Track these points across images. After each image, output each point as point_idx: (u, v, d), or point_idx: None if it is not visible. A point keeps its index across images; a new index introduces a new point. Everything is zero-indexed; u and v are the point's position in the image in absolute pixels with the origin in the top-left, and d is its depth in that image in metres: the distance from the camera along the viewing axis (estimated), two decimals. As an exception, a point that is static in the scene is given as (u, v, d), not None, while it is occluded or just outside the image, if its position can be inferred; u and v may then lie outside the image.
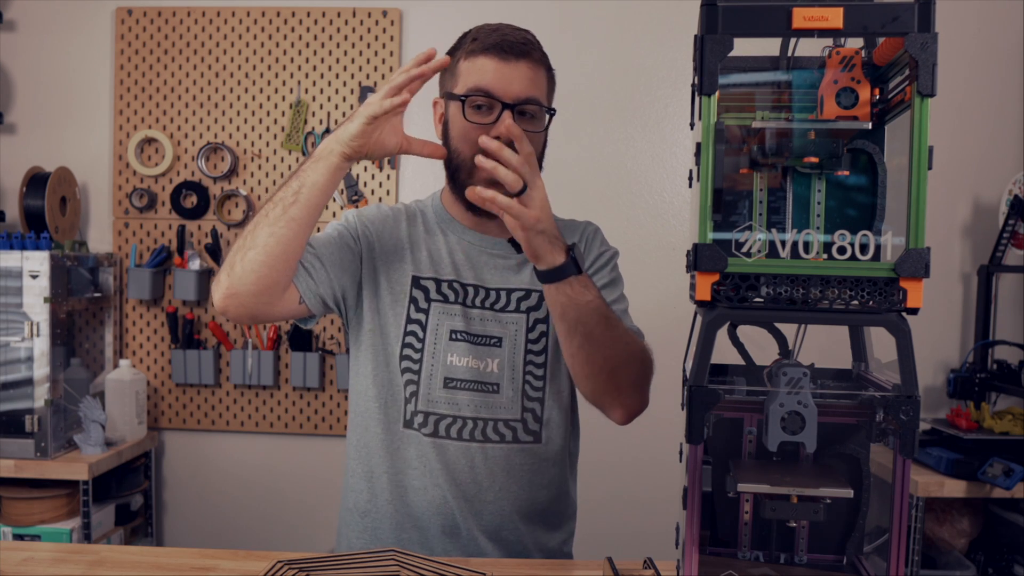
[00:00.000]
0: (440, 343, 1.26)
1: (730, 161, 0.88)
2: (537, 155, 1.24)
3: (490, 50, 1.20)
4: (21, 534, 2.12)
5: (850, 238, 0.81)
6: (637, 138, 2.48)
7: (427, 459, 1.26)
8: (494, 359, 1.27)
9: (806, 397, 0.81)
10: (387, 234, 1.30)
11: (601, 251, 1.36)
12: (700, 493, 0.82)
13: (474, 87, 1.19)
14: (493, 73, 1.19)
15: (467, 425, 1.26)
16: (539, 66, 1.24)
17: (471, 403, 1.26)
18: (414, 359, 1.27)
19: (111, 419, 2.29)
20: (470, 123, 1.19)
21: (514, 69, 1.20)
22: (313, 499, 2.51)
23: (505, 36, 1.21)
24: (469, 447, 1.25)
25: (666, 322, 2.43)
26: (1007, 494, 1.90)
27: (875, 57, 0.86)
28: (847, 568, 0.94)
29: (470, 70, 1.21)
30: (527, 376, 1.28)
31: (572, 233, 1.35)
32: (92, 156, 2.55)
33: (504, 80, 1.19)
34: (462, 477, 1.26)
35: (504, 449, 1.26)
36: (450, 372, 1.26)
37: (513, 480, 1.27)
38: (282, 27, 2.48)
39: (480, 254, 1.30)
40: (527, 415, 1.28)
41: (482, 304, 1.28)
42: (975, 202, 2.43)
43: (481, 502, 1.26)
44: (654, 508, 2.32)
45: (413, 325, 1.27)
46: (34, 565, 1.09)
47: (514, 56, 1.20)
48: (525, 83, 1.20)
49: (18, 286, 2.11)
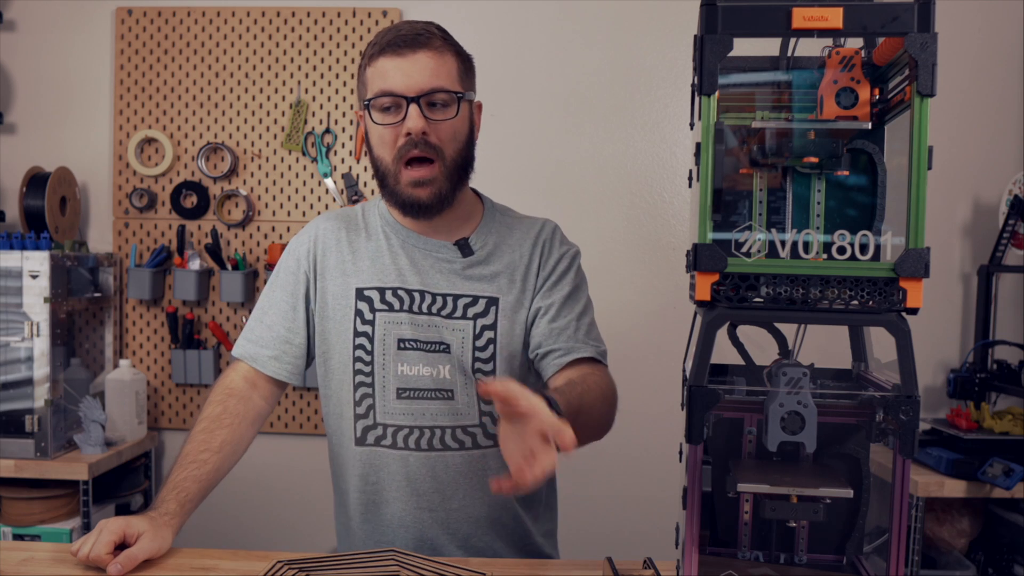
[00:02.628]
0: (389, 353, 1.24)
1: (730, 161, 0.88)
2: (462, 143, 1.22)
3: (386, 49, 1.18)
4: (21, 534, 2.12)
5: (850, 238, 0.81)
6: (637, 138, 2.48)
7: (388, 472, 1.25)
8: (445, 365, 1.24)
9: (806, 397, 0.81)
10: (331, 250, 1.29)
11: (561, 254, 1.30)
12: (700, 493, 0.82)
13: (378, 90, 1.18)
14: (392, 70, 1.17)
15: (424, 434, 1.24)
16: (443, 53, 1.19)
17: (427, 412, 1.24)
18: (366, 372, 1.25)
19: (111, 419, 2.29)
20: (382, 126, 1.18)
21: (412, 62, 1.17)
22: (313, 499, 2.51)
23: (400, 32, 1.19)
24: (429, 456, 1.24)
25: (666, 322, 2.44)
26: (1007, 494, 1.90)
27: (875, 57, 0.86)
28: (847, 568, 0.94)
29: (373, 75, 1.19)
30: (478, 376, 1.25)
31: (527, 234, 1.30)
32: (92, 156, 2.55)
33: (403, 75, 1.16)
34: (425, 487, 1.24)
35: (465, 456, 1.24)
36: (402, 382, 1.24)
37: (477, 486, 1.25)
38: (282, 27, 2.48)
39: (425, 258, 1.27)
40: (485, 419, 1.25)
41: (428, 310, 1.25)
42: (975, 202, 2.43)
43: (447, 511, 1.25)
44: (654, 508, 2.32)
45: (360, 338, 1.25)
46: (34, 565, 1.09)
47: (410, 49, 1.17)
48: (426, 74, 1.17)
49: (18, 286, 2.11)
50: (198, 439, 1.21)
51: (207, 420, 1.23)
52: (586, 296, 1.31)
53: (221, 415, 1.23)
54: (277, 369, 1.28)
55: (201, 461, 1.19)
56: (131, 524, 1.08)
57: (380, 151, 1.21)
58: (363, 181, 2.49)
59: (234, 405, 1.25)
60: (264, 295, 1.32)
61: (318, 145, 2.47)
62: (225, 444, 1.22)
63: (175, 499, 1.15)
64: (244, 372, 1.29)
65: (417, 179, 1.19)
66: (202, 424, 1.22)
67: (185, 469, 1.18)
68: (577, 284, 1.29)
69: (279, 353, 1.28)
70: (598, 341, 1.26)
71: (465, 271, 1.26)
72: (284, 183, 2.50)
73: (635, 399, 2.40)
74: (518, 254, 1.28)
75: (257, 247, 2.50)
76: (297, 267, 1.30)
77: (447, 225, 1.27)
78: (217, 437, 1.21)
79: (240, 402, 1.26)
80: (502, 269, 1.27)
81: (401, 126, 1.17)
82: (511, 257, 1.28)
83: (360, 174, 2.48)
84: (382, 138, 1.19)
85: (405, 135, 1.17)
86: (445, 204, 1.22)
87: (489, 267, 1.27)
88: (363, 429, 1.26)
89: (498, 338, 1.25)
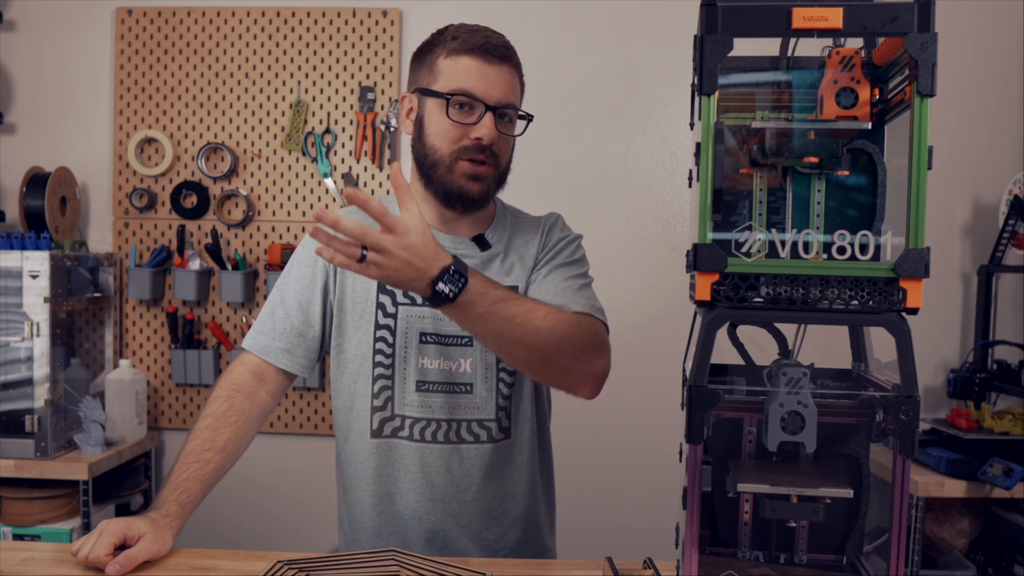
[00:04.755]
0: (411, 346, 1.26)
1: (730, 161, 0.88)
2: (511, 156, 1.28)
3: (474, 51, 1.20)
4: (21, 534, 2.12)
5: (850, 238, 0.81)
6: (637, 138, 2.48)
7: (404, 464, 1.26)
8: (466, 359, 1.26)
9: (806, 397, 0.81)
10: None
11: (562, 236, 1.34)
12: (700, 493, 0.82)
13: (457, 87, 1.19)
14: (477, 74, 1.20)
15: (441, 427, 1.25)
16: (516, 72, 1.25)
17: (444, 405, 1.25)
18: (386, 365, 1.26)
19: (111, 419, 2.29)
20: (453, 122, 1.20)
21: (498, 72, 1.21)
22: (313, 499, 2.51)
23: (488, 38, 1.22)
24: (444, 449, 1.25)
25: (666, 322, 2.43)
26: (1007, 494, 1.90)
27: (875, 57, 0.86)
28: (847, 568, 0.94)
29: (453, 69, 1.20)
30: (500, 373, 1.27)
31: (536, 228, 1.34)
32: (92, 156, 2.55)
33: (487, 82, 1.20)
34: (439, 479, 1.25)
35: (479, 449, 1.26)
36: (422, 375, 1.26)
37: (490, 480, 1.27)
38: (282, 27, 2.48)
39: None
40: (501, 413, 1.27)
41: None
42: (975, 202, 2.43)
43: (460, 504, 1.26)
44: (654, 508, 2.33)
45: (382, 331, 1.26)
46: (34, 565, 1.09)
47: (497, 59, 1.21)
48: (506, 87, 1.22)
49: (18, 286, 2.11)
50: (202, 437, 1.20)
51: (212, 417, 1.22)
52: (584, 269, 1.31)
53: (227, 412, 1.23)
54: (289, 362, 1.28)
55: (204, 460, 1.19)
56: (131, 525, 1.08)
57: (437, 141, 1.22)
58: (363, 181, 2.49)
59: (240, 402, 1.24)
60: (276, 288, 1.32)
61: (318, 145, 2.47)
62: (229, 443, 1.21)
63: (176, 500, 1.15)
64: (252, 365, 1.28)
65: (475, 173, 1.22)
66: (207, 421, 1.22)
67: (188, 469, 1.18)
68: (575, 258, 1.31)
69: (291, 346, 1.28)
70: (592, 299, 1.25)
71: (484, 266, 1.28)
72: (284, 183, 2.50)
73: (635, 399, 2.41)
74: (527, 248, 1.32)
75: (257, 247, 2.50)
76: (315, 261, 1.30)
77: (469, 225, 1.30)
78: (222, 436, 1.21)
79: (247, 399, 1.25)
80: (516, 261, 1.30)
81: (472, 128, 1.20)
82: (522, 250, 1.31)
83: (360, 174, 2.48)
84: (445, 131, 1.21)
85: (474, 139, 1.20)
86: (485, 203, 1.27)
87: (506, 260, 1.30)
88: (380, 421, 1.26)
89: None
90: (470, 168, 1.21)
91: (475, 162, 1.21)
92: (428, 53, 1.24)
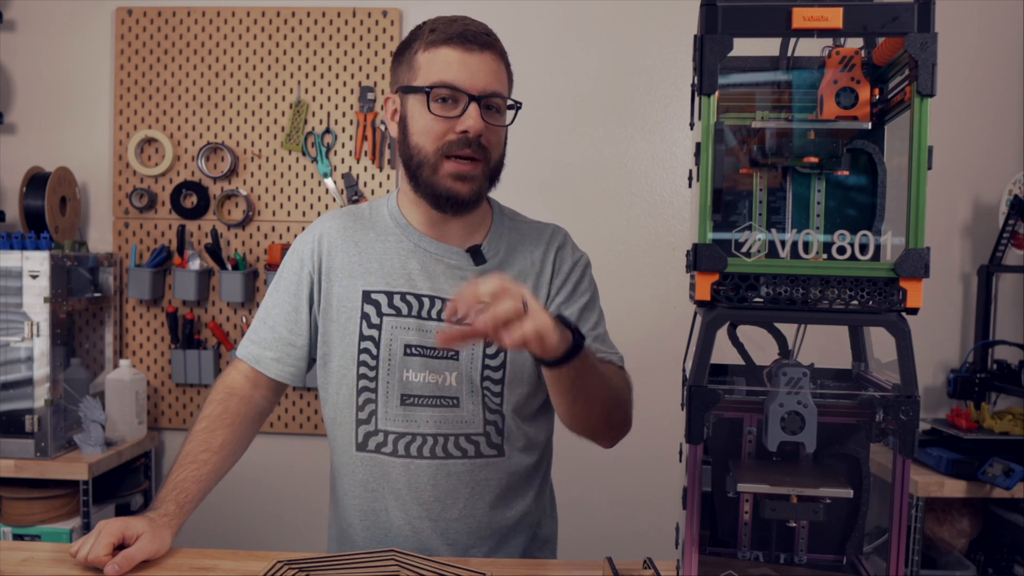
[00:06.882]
0: (395, 359, 1.21)
1: (730, 161, 0.88)
2: (502, 150, 1.21)
3: (453, 40, 1.14)
4: (21, 534, 2.12)
5: (850, 238, 0.81)
6: (637, 138, 2.48)
7: (388, 480, 1.22)
8: (451, 372, 1.21)
9: (806, 397, 0.81)
10: (337, 250, 1.26)
11: (574, 262, 1.28)
12: (700, 493, 0.82)
13: (438, 79, 1.13)
14: (458, 64, 1.13)
15: (427, 442, 1.21)
16: (501, 59, 1.19)
17: (430, 419, 1.21)
18: (370, 377, 1.22)
19: (111, 419, 2.29)
20: (435, 116, 1.14)
21: (479, 60, 1.14)
22: (313, 499, 2.51)
23: (467, 26, 1.15)
24: (431, 464, 1.21)
25: (666, 322, 2.43)
26: (1007, 494, 1.90)
27: (875, 57, 0.86)
28: (847, 568, 0.94)
29: (432, 62, 1.14)
30: (485, 391, 1.22)
31: (539, 240, 1.29)
32: (92, 156, 2.55)
33: (469, 71, 1.13)
34: (426, 496, 1.22)
35: (467, 464, 1.22)
36: (407, 388, 1.21)
37: (478, 496, 1.23)
38: (282, 27, 2.48)
39: (436, 263, 1.23)
40: (489, 428, 1.23)
41: (438, 316, 1.21)
42: (975, 202, 2.43)
43: (447, 520, 1.23)
44: (654, 508, 2.33)
45: (366, 342, 1.22)
46: (34, 565, 1.09)
47: (478, 47, 1.14)
48: (490, 75, 1.15)
49: (18, 286, 2.11)
50: (199, 438, 1.21)
51: (208, 419, 1.22)
52: (599, 306, 1.30)
53: (222, 414, 1.23)
54: (279, 371, 1.28)
55: (201, 461, 1.19)
56: (130, 525, 1.08)
57: (421, 139, 1.16)
58: (363, 181, 2.49)
59: (235, 405, 1.25)
60: (268, 296, 1.31)
61: (318, 145, 2.47)
62: (225, 444, 1.21)
63: (174, 500, 1.15)
64: (246, 371, 1.28)
65: (461, 173, 1.15)
66: (203, 423, 1.22)
67: (185, 469, 1.18)
68: (592, 295, 1.29)
69: (281, 355, 1.27)
70: (615, 349, 1.27)
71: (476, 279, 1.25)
72: (284, 183, 2.50)
73: (635, 399, 2.40)
74: (529, 261, 1.26)
75: (257, 247, 2.50)
76: (301, 268, 1.27)
77: (461, 229, 1.25)
78: (218, 437, 1.21)
79: (242, 402, 1.25)
80: (514, 276, 1.24)
81: (455, 121, 1.13)
82: (522, 265, 1.26)
83: (360, 174, 2.48)
84: (428, 128, 1.15)
85: (460, 132, 1.13)
86: (476, 204, 1.20)
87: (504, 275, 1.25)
88: (365, 435, 1.23)
89: None
90: (455, 168, 1.15)
91: (461, 160, 1.15)
92: (407, 50, 1.19)
